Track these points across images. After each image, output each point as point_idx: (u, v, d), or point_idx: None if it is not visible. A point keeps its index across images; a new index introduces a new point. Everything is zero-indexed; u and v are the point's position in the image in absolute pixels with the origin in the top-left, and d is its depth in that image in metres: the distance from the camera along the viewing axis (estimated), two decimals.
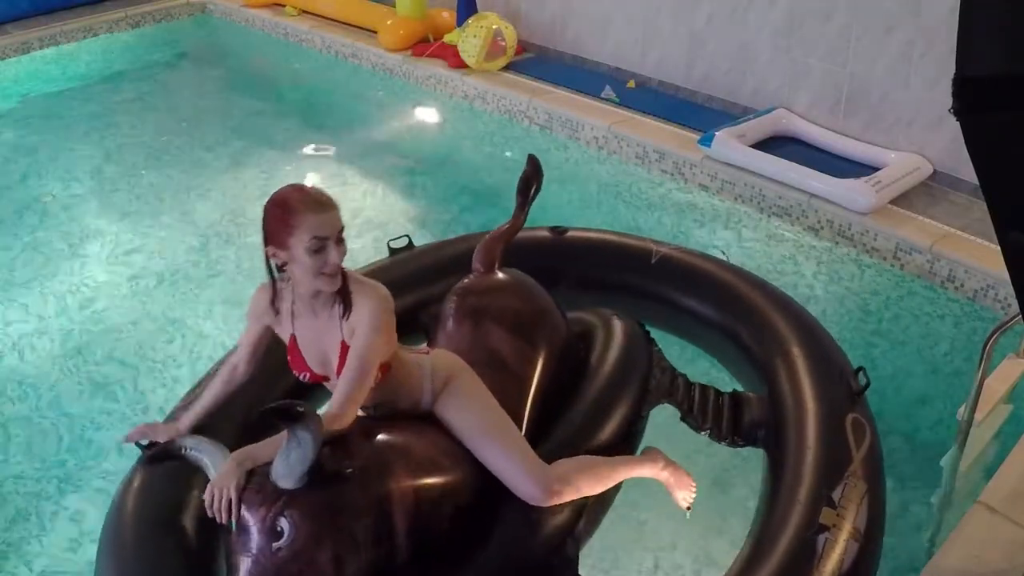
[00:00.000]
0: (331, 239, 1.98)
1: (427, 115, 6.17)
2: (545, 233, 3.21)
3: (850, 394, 2.45)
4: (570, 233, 3.23)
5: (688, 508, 2.49)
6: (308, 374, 2.16)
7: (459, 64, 5.98)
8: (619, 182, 4.97)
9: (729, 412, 2.59)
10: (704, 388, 2.68)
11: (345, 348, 2.04)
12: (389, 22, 6.48)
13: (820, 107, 4.85)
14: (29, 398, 3.46)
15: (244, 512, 1.80)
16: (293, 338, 2.14)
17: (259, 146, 5.61)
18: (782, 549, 2.06)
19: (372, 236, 4.49)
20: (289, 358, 2.17)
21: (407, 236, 3.20)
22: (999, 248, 1.50)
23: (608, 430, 2.37)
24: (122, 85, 6.76)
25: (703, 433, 2.62)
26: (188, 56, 7.53)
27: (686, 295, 2.98)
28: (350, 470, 1.85)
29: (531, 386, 2.44)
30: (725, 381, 2.97)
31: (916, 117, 4.46)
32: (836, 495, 2.14)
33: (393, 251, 3.15)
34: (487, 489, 2.12)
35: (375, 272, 2.92)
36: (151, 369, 3.59)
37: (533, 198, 2.85)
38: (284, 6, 7.54)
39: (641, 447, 2.55)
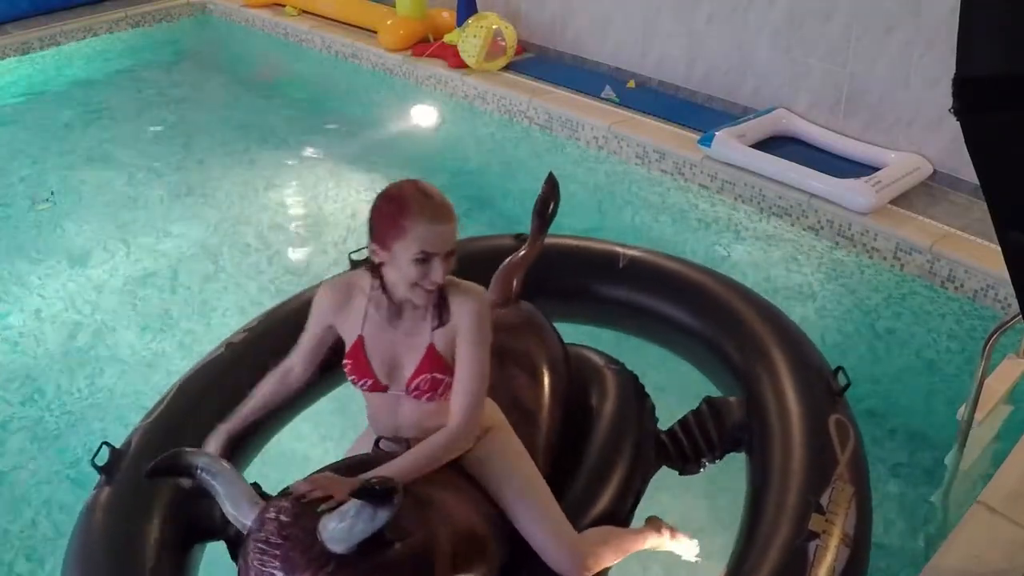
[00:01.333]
0: (439, 255, 1.81)
1: (427, 115, 6.17)
2: (509, 240, 2.99)
3: (831, 395, 2.39)
4: None
5: (697, 556, 2.48)
6: (369, 381, 1.96)
7: (459, 64, 5.98)
8: (619, 182, 4.97)
9: (713, 426, 2.48)
10: (685, 426, 2.51)
11: (431, 350, 1.91)
12: (389, 22, 6.48)
13: (820, 107, 4.85)
14: (28, 397, 3.46)
15: (287, 568, 1.60)
16: (360, 340, 1.95)
17: (259, 146, 5.61)
18: (772, 558, 2.01)
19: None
20: (349, 363, 1.97)
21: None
22: (999, 248, 1.50)
23: (611, 496, 2.27)
24: (122, 85, 6.76)
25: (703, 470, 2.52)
26: (188, 56, 7.53)
27: (656, 299, 2.85)
28: (398, 543, 1.68)
29: (549, 439, 2.31)
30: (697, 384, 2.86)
31: (916, 117, 4.46)
32: (824, 500, 2.09)
33: (354, 263, 2.91)
34: (515, 558, 2.03)
35: None
36: (151, 369, 3.59)
37: (551, 220, 2.65)
38: (284, 6, 7.54)
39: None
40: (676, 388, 2.98)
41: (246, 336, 2.63)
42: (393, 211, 1.81)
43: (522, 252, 2.61)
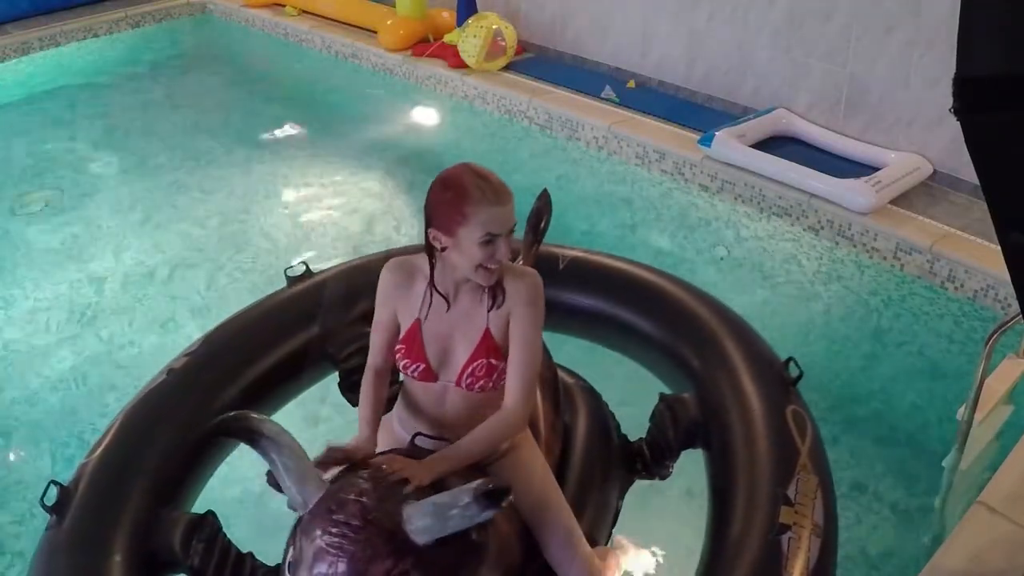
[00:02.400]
0: (503, 234, 1.83)
1: (427, 115, 6.18)
2: None
3: (785, 386, 2.37)
4: None
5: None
6: (422, 366, 1.95)
7: (459, 64, 5.98)
8: (619, 182, 4.97)
9: (670, 424, 2.43)
10: (652, 434, 2.47)
11: (487, 335, 1.91)
12: (389, 22, 6.48)
13: (820, 107, 4.85)
14: (27, 395, 3.46)
15: (367, 555, 1.56)
16: (417, 324, 1.96)
17: (259, 146, 5.61)
18: (748, 555, 1.98)
19: (371, 236, 4.50)
20: (403, 347, 1.97)
21: (304, 263, 2.94)
22: (999, 248, 1.50)
23: (593, 515, 2.25)
24: (122, 85, 6.76)
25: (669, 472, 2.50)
26: (188, 56, 7.54)
27: (599, 299, 2.79)
28: (475, 538, 1.67)
29: (550, 457, 2.27)
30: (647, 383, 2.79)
31: (916, 117, 4.46)
32: (791, 492, 2.07)
33: (290, 280, 2.88)
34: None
35: (274, 302, 2.79)
36: (149, 369, 3.59)
37: (543, 234, 2.65)
38: (284, 6, 7.54)
39: None
40: (622, 392, 2.89)
41: (188, 360, 2.53)
42: (453, 198, 1.80)
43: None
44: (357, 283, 2.78)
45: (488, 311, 1.92)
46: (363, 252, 4.32)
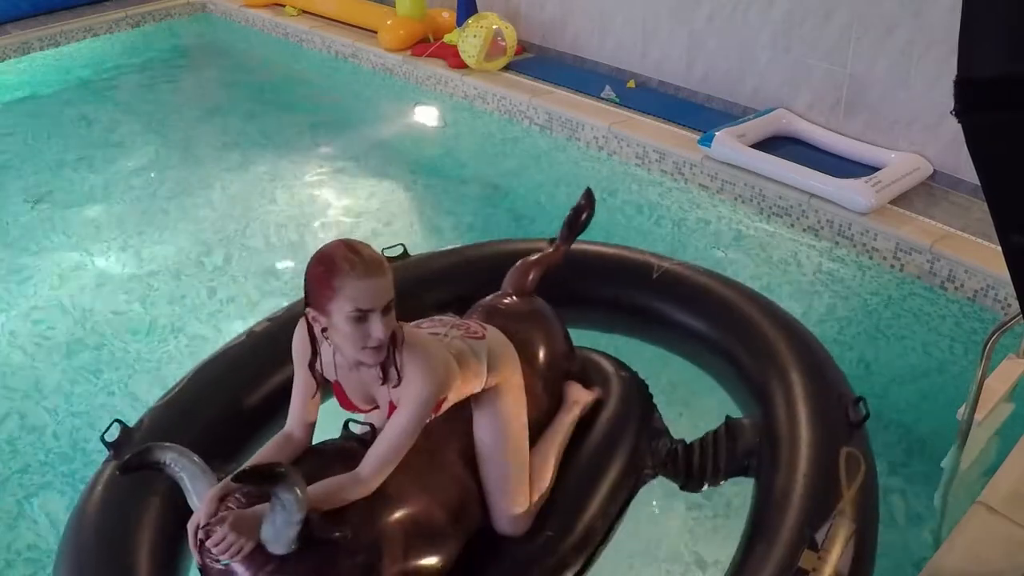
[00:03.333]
0: (376, 310, 1.76)
1: (427, 115, 6.18)
2: (543, 243, 2.96)
3: (847, 425, 2.29)
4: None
5: None
6: (352, 406, 2.03)
7: (459, 64, 5.98)
8: (619, 182, 4.97)
9: (726, 447, 2.42)
10: (703, 444, 2.46)
11: (393, 409, 1.90)
12: (389, 22, 6.48)
13: (820, 107, 4.86)
14: (25, 394, 3.46)
15: (232, 571, 1.73)
16: (336, 384, 1.99)
17: (259, 146, 5.61)
18: None
19: (371, 236, 4.50)
20: (336, 398, 2.02)
21: (402, 244, 3.06)
22: (999, 248, 1.50)
23: (599, 500, 2.24)
24: (122, 85, 6.76)
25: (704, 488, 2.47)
26: (188, 56, 7.54)
27: (685, 312, 2.82)
28: (340, 534, 1.75)
29: (533, 423, 2.28)
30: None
31: (916, 117, 4.46)
32: (820, 536, 1.98)
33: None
34: (476, 546, 2.06)
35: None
36: (146, 369, 3.59)
37: (580, 230, 2.71)
38: (284, 6, 7.54)
39: None
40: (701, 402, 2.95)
41: (268, 326, 2.66)
42: (323, 273, 1.76)
43: (544, 253, 2.66)
44: (445, 265, 2.96)
45: (390, 388, 1.89)
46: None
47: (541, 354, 2.40)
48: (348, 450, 2.00)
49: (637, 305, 2.90)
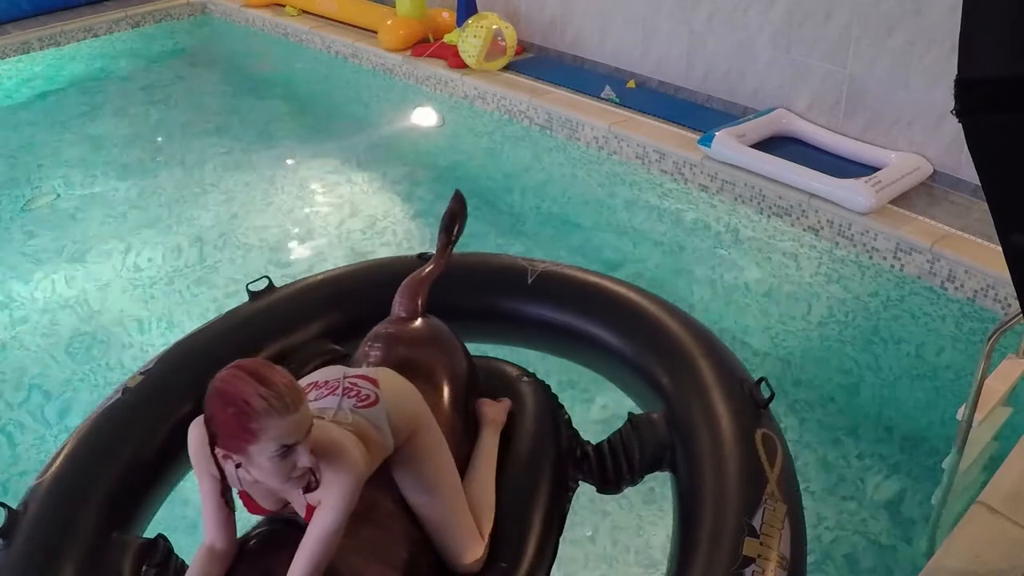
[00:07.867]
0: (300, 441, 1.60)
1: (427, 115, 6.18)
2: (413, 259, 2.83)
3: (755, 407, 2.24)
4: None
5: None
6: (263, 514, 1.88)
7: (459, 64, 5.98)
8: (619, 182, 4.97)
9: (637, 446, 2.32)
10: (611, 444, 2.36)
11: (311, 510, 1.73)
12: (389, 22, 6.49)
13: (820, 107, 4.86)
14: (23, 394, 3.47)
15: None
16: (243, 493, 1.81)
17: (259, 146, 5.61)
18: None
19: (371, 236, 4.50)
20: (243, 504, 1.84)
21: (267, 277, 2.78)
22: (999, 248, 1.50)
23: (540, 517, 2.15)
24: (122, 85, 6.76)
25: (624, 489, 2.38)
26: (188, 56, 7.53)
27: (568, 314, 2.67)
28: None
29: (462, 462, 2.16)
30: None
31: (916, 117, 4.46)
32: (757, 522, 1.95)
33: (252, 294, 2.73)
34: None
35: (236, 319, 2.66)
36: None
37: (457, 237, 2.56)
38: (284, 6, 7.55)
39: None
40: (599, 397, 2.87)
41: (143, 379, 2.42)
42: (236, 416, 1.57)
43: (427, 268, 2.51)
44: (320, 297, 2.72)
45: (305, 493, 1.73)
46: (362, 253, 4.33)
47: (449, 378, 2.29)
48: (283, 538, 1.84)
49: (518, 312, 2.74)
